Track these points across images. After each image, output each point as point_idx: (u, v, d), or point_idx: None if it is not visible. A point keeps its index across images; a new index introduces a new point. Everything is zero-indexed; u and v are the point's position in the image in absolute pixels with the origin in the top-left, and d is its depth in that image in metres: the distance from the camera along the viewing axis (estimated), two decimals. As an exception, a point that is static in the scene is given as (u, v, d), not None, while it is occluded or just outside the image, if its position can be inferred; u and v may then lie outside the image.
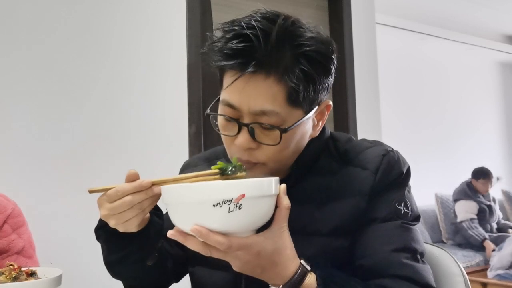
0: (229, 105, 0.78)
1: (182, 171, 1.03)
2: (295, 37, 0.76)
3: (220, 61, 0.76)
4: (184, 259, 0.98)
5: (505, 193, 5.64)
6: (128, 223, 0.75)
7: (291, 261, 0.73)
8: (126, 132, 2.08)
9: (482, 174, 4.75)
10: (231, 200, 0.65)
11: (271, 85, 0.75)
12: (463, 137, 5.66)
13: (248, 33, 0.73)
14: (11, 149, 1.86)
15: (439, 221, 4.82)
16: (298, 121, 0.78)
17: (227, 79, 0.78)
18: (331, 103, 0.86)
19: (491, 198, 4.87)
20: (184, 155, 2.16)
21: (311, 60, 0.76)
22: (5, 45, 1.89)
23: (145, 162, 2.04)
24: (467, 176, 4.89)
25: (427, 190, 4.88)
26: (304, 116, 0.79)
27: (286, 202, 0.73)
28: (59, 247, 1.68)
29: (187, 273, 1.00)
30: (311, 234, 0.83)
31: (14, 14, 1.91)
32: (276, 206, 0.72)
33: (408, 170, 0.87)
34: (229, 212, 0.66)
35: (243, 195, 0.66)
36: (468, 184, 4.74)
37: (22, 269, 0.94)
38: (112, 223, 0.75)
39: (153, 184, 0.74)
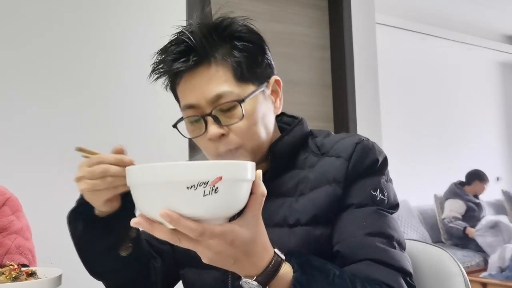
0: (189, 106, 0.84)
1: None
2: (218, 24, 0.85)
3: (169, 67, 0.84)
4: (175, 259, 0.97)
5: (505, 193, 5.65)
6: (96, 194, 0.76)
7: (265, 250, 0.70)
8: (125, 132, 2.08)
9: (477, 176, 4.80)
10: (207, 183, 0.60)
11: (216, 70, 0.82)
12: (463, 137, 5.66)
13: (180, 37, 0.84)
14: (11, 147, 1.86)
15: (438, 221, 4.83)
16: (252, 92, 0.84)
17: (179, 86, 0.86)
18: (279, 78, 0.92)
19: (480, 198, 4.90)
20: (184, 156, 2.16)
21: (242, 38, 0.85)
22: (5, 40, 1.89)
23: (144, 162, 2.03)
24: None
25: (427, 190, 4.89)
26: (257, 89, 0.85)
27: (262, 189, 0.69)
28: (59, 247, 1.68)
29: (179, 281, 0.99)
30: (292, 225, 0.84)
31: (12, 5, 1.92)
32: (251, 193, 0.68)
33: (385, 159, 0.88)
34: (204, 195, 0.60)
35: (220, 178, 0.60)
36: (457, 184, 4.80)
37: (22, 269, 0.94)
38: (81, 187, 0.75)
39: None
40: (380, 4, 3.52)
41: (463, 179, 4.87)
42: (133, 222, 0.65)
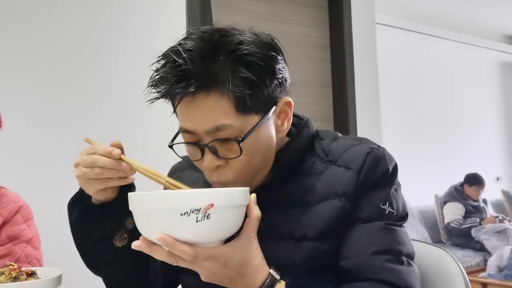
0: (186, 131, 0.78)
1: (171, 175, 1.01)
2: (223, 46, 0.74)
3: (166, 90, 0.75)
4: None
5: (505, 193, 5.64)
6: (88, 182, 0.77)
7: (259, 270, 0.73)
8: (125, 133, 2.08)
9: (476, 181, 4.79)
10: (199, 210, 0.65)
11: (215, 100, 0.73)
12: (463, 137, 5.66)
13: (176, 58, 0.73)
14: (10, 148, 1.86)
15: (438, 221, 4.83)
16: (253, 127, 0.76)
17: (177, 107, 0.78)
18: (290, 99, 0.82)
19: (481, 200, 4.90)
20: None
21: (248, 64, 0.74)
22: (4, 38, 1.89)
23: (144, 163, 2.03)
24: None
25: (428, 190, 4.89)
26: (261, 120, 0.77)
27: (256, 212, 0.72)
28: (59, 247, 1.68)
29: (179, 284, 0.98)
30: (299, 239, 0.81)
31: (12, 4, 1.92)
32: (246, 216, 0.72)
33: (395, 167, 0.85)
34: (196, 221, 0.65)
35: (212, 205, 0.65)
36: (456, 188, 4.81)
37: (22, 269, 0.94)
38: (75, 173, 0.77)
39: (123, 159, 0.76)
40: (380, 4, 3.52)
41: (462, 179, 4.88)
42: (134, 245, 0.70)
